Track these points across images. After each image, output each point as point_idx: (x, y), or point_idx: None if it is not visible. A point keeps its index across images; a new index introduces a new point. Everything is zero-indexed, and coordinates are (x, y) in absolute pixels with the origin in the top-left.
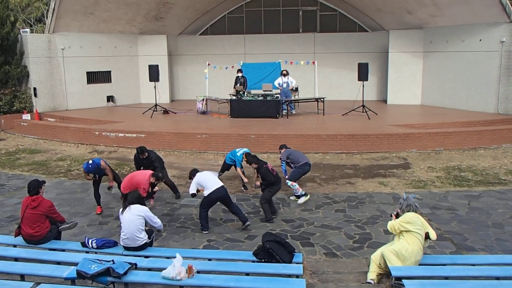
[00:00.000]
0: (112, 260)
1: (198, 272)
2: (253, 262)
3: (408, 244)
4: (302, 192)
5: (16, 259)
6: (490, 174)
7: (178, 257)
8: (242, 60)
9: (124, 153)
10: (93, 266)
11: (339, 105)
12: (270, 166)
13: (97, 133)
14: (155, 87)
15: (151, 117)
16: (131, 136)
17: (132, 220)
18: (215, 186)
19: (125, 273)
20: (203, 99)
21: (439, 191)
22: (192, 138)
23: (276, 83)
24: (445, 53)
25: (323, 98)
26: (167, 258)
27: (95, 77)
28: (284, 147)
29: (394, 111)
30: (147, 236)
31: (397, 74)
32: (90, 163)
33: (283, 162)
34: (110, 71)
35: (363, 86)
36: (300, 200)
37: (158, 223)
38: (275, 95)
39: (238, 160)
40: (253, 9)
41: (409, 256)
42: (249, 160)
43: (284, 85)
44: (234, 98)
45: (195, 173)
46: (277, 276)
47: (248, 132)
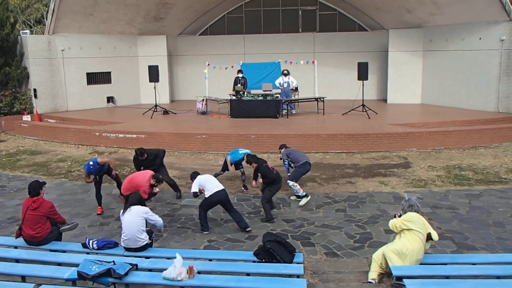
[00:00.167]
0: (113, 261)
1: (199, 272)
2: (253, 262)
3: (409, 242)
4: (303, 193)
5: (17, 261)
6: (491, 173)
7: (179, 257)
8: (241, 60)
9: (125, 153)
10: (94, 267)
11: (339, 104)
12: (270, 165)
13: (97, 134)
14: (155, 87)
15: (151, 117)
16: (131, 137)
17: (133, 221)
18: (215, 188)
19: (126, 274)
20: (203, 99)
21: (439, 190)
22: (192, 139)
23: (277, 83)
24: (444, 51)
25: (323, 98)
26: (168, 258)
27: (95, 78)
28: (284, 146)
29: (394, 110)
30: (148, 237)
31: (397, 73)
32: (91, 164)
33: (286, 161)
34: (110, 72)
35: (363, 85)
36: (301, 202)
37: (159, 221)
38: (275, 95)
39: (238, 157)
40: (252, 9)
41: (409, 254)
42: (249, 160)
43: (285, 84)
44: (234, 98)
45: (196, 175)
46: (277, 276)
47: (248, 132)
